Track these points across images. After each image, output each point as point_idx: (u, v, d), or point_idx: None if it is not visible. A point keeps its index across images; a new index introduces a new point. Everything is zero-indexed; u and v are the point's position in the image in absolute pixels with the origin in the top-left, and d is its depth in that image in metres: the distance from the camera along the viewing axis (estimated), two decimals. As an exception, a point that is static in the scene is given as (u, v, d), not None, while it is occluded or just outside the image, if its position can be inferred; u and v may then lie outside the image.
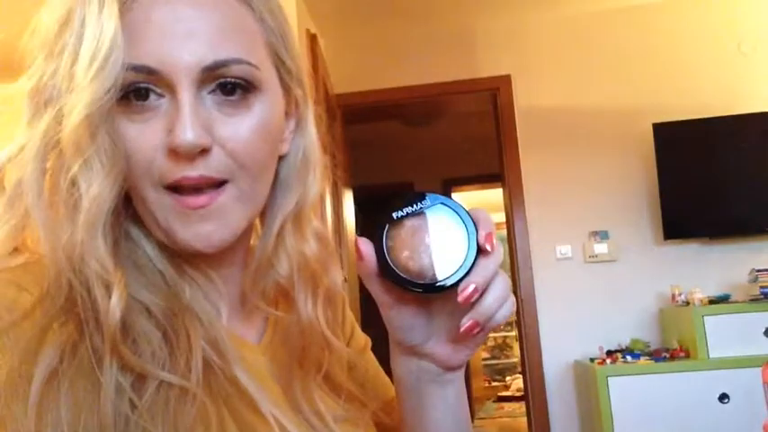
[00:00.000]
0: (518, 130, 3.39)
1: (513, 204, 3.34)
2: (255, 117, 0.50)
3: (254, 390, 0.49)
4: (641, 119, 3.21)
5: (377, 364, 0.71)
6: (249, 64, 0.49)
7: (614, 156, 3.29)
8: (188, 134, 0.46)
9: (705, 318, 2.76)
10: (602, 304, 3.21)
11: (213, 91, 0.49)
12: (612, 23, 3.38)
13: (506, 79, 3.41)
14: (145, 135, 0.47)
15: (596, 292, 3.22)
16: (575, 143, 3.33)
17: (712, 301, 2.88)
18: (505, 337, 7.45)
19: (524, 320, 3.28)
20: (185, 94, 0.47)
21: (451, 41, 3.48)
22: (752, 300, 2.86)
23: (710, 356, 2.72)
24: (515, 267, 3.35)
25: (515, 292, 3.42)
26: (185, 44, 0.47)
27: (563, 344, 3.22)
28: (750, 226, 3.07)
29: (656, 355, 2.86)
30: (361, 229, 4.03)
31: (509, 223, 3.41)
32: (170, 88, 0.47)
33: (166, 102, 0.47)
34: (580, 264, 3.27)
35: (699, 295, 2.89)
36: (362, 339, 0.71)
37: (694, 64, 3.29)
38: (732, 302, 2.90)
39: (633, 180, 3.27)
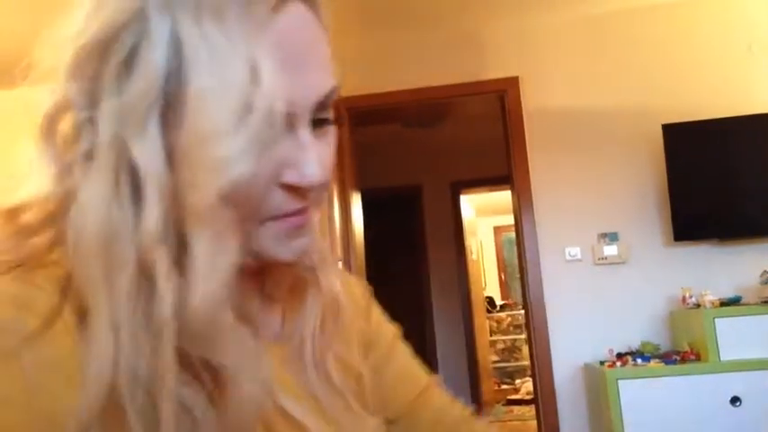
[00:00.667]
0: (526, 131, 3.37)
1: (522, 206, 3.33)
2: (333, 138, 0.51)
3: (299, 414, 0.50)
4: (651, 119, 3.20)
5: (407, 357, 0.70)
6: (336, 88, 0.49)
7: (623, 157, 3.28)
8: (318, 172, 0.45)
9: (716, 320, 2.73)
10: (611, 306, 3.19)
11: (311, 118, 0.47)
12: (621, 24, 3.37)
13: (514, 81, 3.40)
14: (260, 175, 0.42)
15: (606, 295, 3.21)
16: (583, 144, 3.32)
17: (723, 304, 2.86)
18: (515, 339, 7.42)
19: (534, 323, 3.26)
20: (305, 132, 0.46)
21: (459, 44, 3.47)
22: (764, 302, 2.83)
23: (722, 359, 2.70)
24: (524, 270, 3.33)
25: (524, 295, 3.41)
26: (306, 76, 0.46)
27: (573, 347, 3.20)
28: (762, 227, 3.04)
29: (666, 358, 2.84)
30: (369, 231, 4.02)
31: (518, 225, 3.39)
32: (288, 124, 0.45)
33: None
34: (589, 266, 3.25)
35: (710, 297, 2.87)
36: (390, 332, 0.70)
37: (704, 64, 3.28)
38: (743, 304, 2.87)
39: (643, 181, 3.25)
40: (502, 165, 3.63)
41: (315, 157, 0.45)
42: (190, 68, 0.39)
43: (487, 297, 7.48)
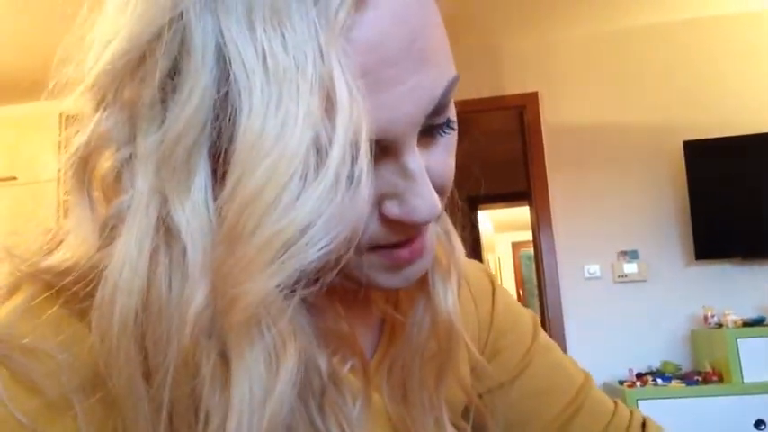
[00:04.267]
0: (545, 147, 3.36)
1: (541, 223, 3.30)
2: (453, 142, 0.39)
3: None
4: (672, 136, 3.16)
5: (551, 355, 0.57)
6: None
7: (644, 174, 3.24)
8: (427, 208, 0.35)
9: (739, 340, 2.68)
10: (631, 325, 3.14)
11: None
12: (641, 40, 3.35)
13: (533, 97, 3.39)
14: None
15: (626, 313, 3.16)
16: (603, 161, 3.29)
17: (746, 324, 2.80)
18: (532, 357, 7.34)
19: (552, 341, 3.22)
20: (412, 155, 0.35)
21: (478, 59, 3.47)
22: (788, 322, 2.78)
23: (745, 381, 2.64)
24: (542, 287, 3.30)
25: (542, 312, 3.38)
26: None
27: (592, 365, 3.12)
28: (785, 246, 2.99)
29: (687, 379, 2.79)
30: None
31: (536, 242, 3.36)
32: (387, 148, 0.34)
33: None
34: (609, 284, 3.21)
35: (732, 317, 2.81)
36: (529, 325, 0.57)
37: (726, 81, 3.24)
38: (767, 325, 2.82)
39: (663, 198, 3.21)
40: (520, 181, 3.61)
41: (425, 186, 0.35)
42: (241, 99, 0.29)
43: (505, 313, 7.41)
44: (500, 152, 4.74)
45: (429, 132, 0.37)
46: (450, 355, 0.46)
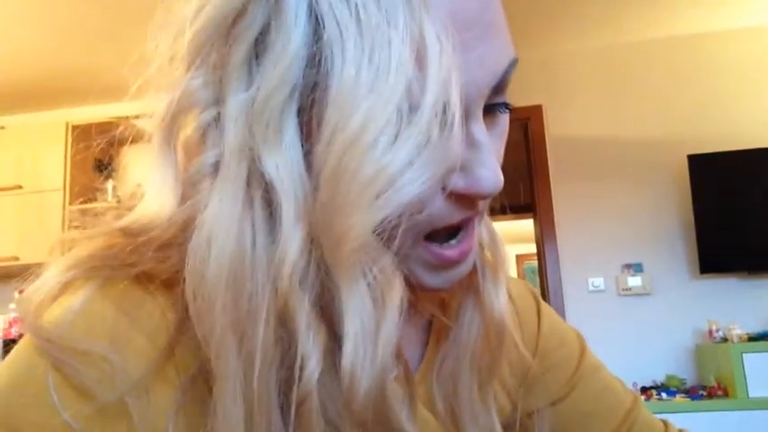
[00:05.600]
0: (549, 160, 3.36)
1: (545, 235, 3.30)
2: (506, 128, 0.41)
3: None
4: (676, 150, 3.16)
5: (599, 375, 0.55)
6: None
7: (648, 187, 3.24)
8: (495, 178, 0.35)
9: (744, 355, 2.66)
10: (635, 339, 3.13)
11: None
12: (646, 54, 3.35)
13: (538, 109, 3.39)
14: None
15: (630, 327, 3.14)
16: (607, 174, 3.29)
17: (752, 338, 2.79)
18: (536, 370, 7.30)
19: (555, 354, 3.21)
20: (479, 125, 0.36)
21: (483, 72, 3.48)
22: (793, 337, 2.76)
23: (750, 395, 2.62)
24: (547, 300, 3.28)
25: (546, 325, 3.36)
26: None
27: (595, 379, 3.13)
28: (790, 260, 2.98)
29: (692, 393, 2.77)
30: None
31: (540, 254, 3.36)
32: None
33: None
34: (613, 297, 3.20)
35: (737, 331, 2.80)
36: (575, 345, 0.56)
37: (730, 95, 3.24)
38: (772, 339, 2.81)
39: (668, 212, 3.21)
40: (525, 193, 3.60)
41: (491, 157, 0.36)
42: (333, 52, 0.30)
43: (509, 326, 7.38)
44: (504, 164, 4.72)
45: (491, 110, 0.39)
46: (501, 355, 0.46)
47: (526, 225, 4.73)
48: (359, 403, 0.32)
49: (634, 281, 3.17)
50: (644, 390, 2.87)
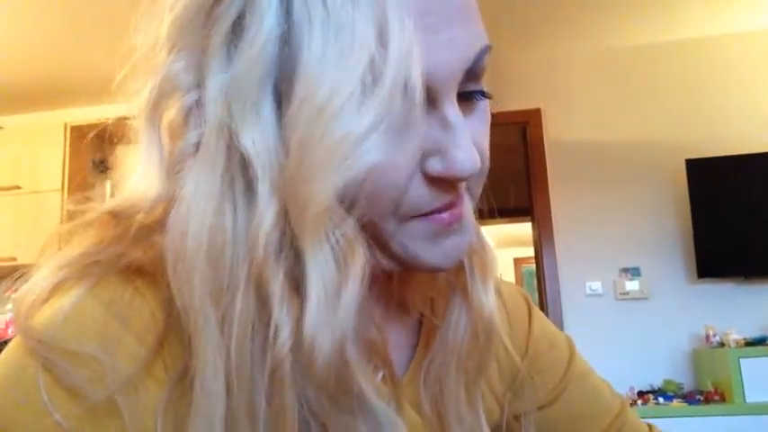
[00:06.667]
0: (548, 163, 3.36)
1: (543, 239, 3.30)
2: (487, 115, 0.42)
3: None
4: (674, 154, 3.16)
5: (588, 379, 0.56)
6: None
7: (646, 191, 3.24)
8: (469, 158, 0.36)
9: (741, 360, 2.66)
10: (633, 343, 3.12)
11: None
12: (645, 58, 3.36)
13: (536, 113, 3.40)
14: (396, 162, 0.35)
15: (627, 331, 3.14)
16: (605, 178, 3.29)
17: (749, 343, 2.79)
18: (533, 374, 7.29)
19: (553, 358, 3.21)
20: (452, 108, 0.37)
21: (481, 75, 3.48)
22: (791, 342, 2.77)
23: (747, 400, 2.62)
24: (544, 303, 3.29)
25: (544, 329, 3.36)
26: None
27: (592, 383, 3.13)
28: (788, 266, 2.98)
29: (689, 398, 2.77)
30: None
31: (538, 258, 3.36)
32: (427, 98, 0.35)
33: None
34: (611, 301, 3.20)
35: (734, 336, 2.80)
36: (565, 349, 0.56)
37: (729, 99, 3.25)
38: (769, 345, 2.81)
39: (666, 216, 3.21)
40: (522, 197, 3.60)
41: (466, 139, 0.36)
42: (301, 31, 0.32)
43: (506, 330, 7.38)
44: (502, 168, 4.73)
45: (467, 97, 0.39)
46: (489, 355, 0.47)
47: (524, 228, 4.73)
48: (320, 368, 0.33)
49: (632, 285, 3.17)
50: (641, 394, 2.86)
